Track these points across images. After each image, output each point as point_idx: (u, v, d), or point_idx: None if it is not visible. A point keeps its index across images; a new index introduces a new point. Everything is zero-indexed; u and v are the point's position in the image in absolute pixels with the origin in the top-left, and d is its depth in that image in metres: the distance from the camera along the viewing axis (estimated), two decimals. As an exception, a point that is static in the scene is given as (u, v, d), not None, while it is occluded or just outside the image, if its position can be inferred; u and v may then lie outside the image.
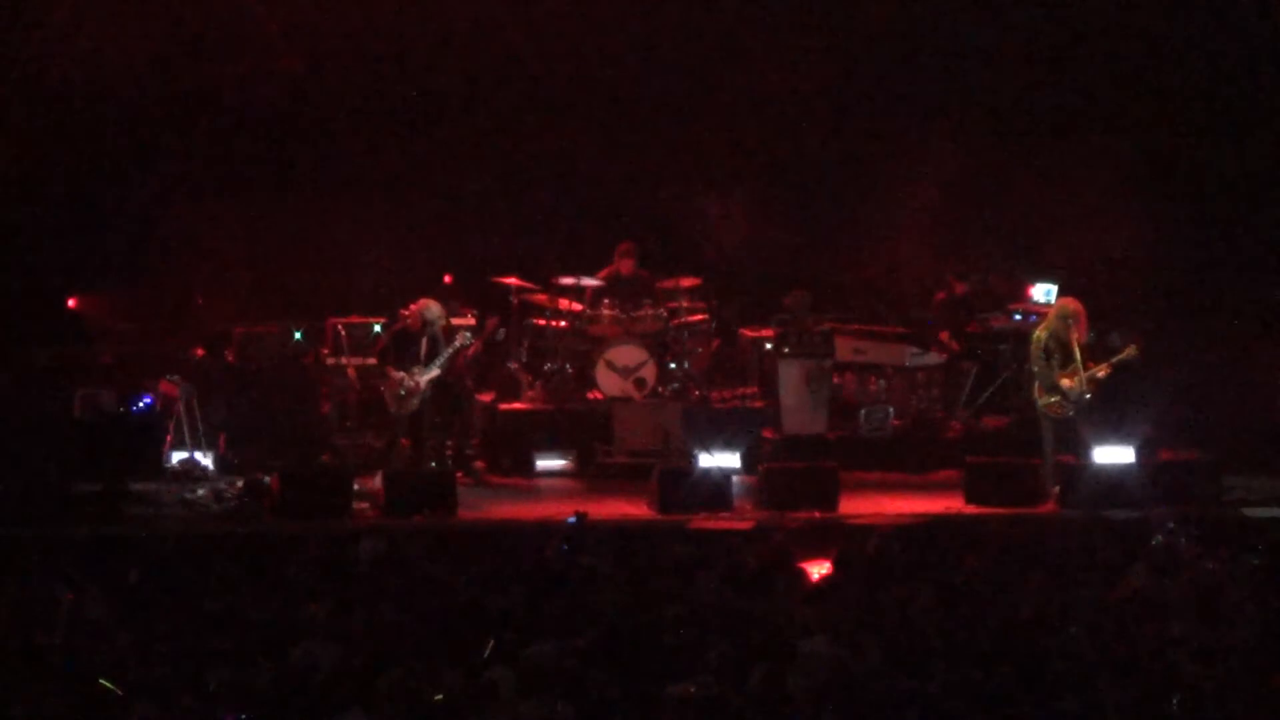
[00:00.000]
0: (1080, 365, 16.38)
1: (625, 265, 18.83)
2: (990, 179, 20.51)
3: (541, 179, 20.34)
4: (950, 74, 20.25)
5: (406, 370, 16.72)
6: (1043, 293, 18.98)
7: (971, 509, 16.32)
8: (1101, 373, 16.46)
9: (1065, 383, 16.40)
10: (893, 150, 20.42)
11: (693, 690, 9.41)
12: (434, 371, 16.75)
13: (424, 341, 16.76)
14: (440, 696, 9.31)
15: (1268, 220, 19.96)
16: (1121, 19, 20.04)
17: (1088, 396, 16.41)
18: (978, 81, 20.30)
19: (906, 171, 20.39)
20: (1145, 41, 20.05)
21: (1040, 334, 16.51)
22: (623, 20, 19.95)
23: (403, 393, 16.69)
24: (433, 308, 16.79)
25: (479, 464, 18.00)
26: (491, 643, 10.27)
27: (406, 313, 16.96)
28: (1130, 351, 16.50)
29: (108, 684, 9.40)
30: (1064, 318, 16.39)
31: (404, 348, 16.81)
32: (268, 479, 16.08)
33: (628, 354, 18.39)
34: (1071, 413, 16.46)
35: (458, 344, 17.05)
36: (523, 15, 19.87)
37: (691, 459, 16.60)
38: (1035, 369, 16.50)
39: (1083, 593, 11.85)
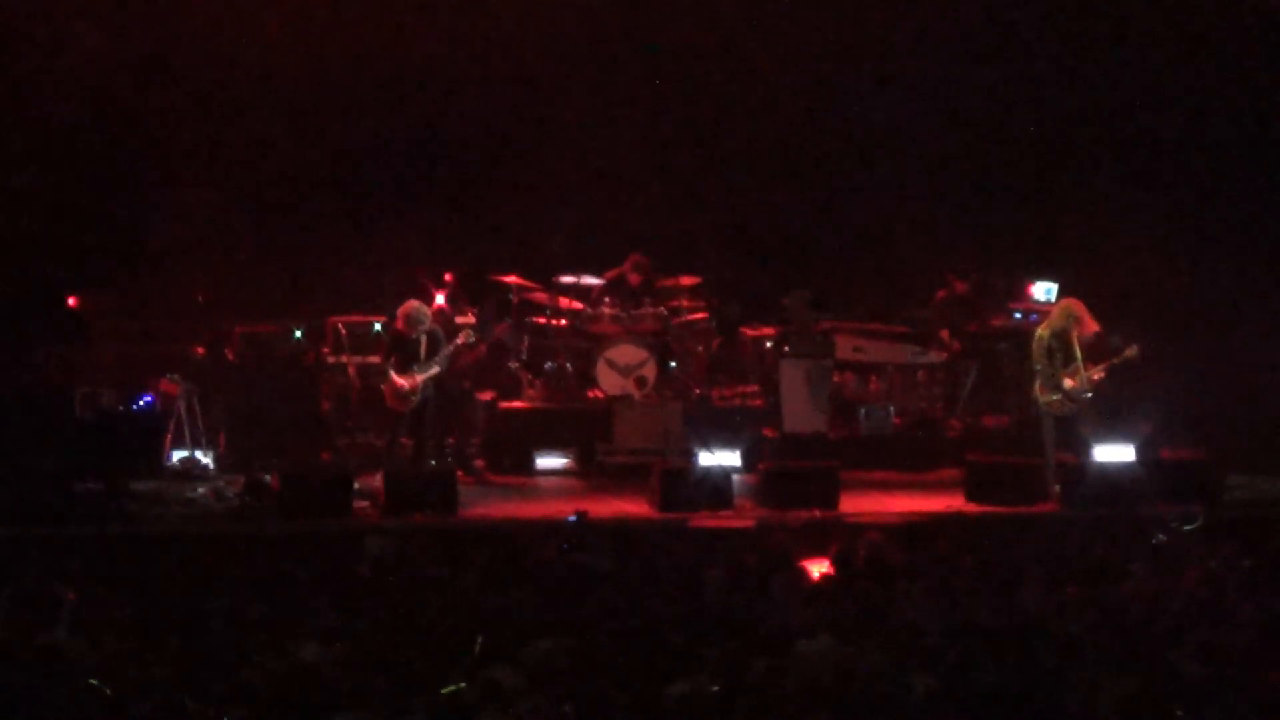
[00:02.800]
0: (1081, 364, 16.42)
1: (634, 277, 18.75)
2: (991, 177, 20.51)
3: (542, 178, 20.34)
4: (951, 72, 20.25)
5: (408, 371, 16.73)
6: (1043, 291, 18.98)
7: (972, 508, 16.33)
8: (1102, 372, 16.49)
9: (1068, 382, 16.43)
10: (893, 148, 20.43)
11: (693, 689, 9.42)
12: (434, 368, 16.76)
13: (422, 341, 16.76)
14: (463, 685, 9.30)
15: (1269, 220, 19.96)
16: (1124, 16, 20.04)
17: (1088, 395, 16.45)
18: (979, 80, 20.30)
19: (906, 170, 20.43)
20: (1148, 39, 20.05)
21: (1043, 332, 16.54)
22: (625, 21, 19.95)
23: (403, 392, 16.71)
24: (416, 309, 16.78)
25: (479, 463, 18.01)
26: (480, 639, 10.26)
27: (399, 320, 16.97)
28: (1131, 352, 16.54)
29: (107, 684, 9.40)
30: (1068, 317, 16.45)
31: (403, 349, 16.83)
32: (268, 478, 16.08)
33: (628, 353, 18.38)
34: (1073, 411, 16.49)
35: (459, 342, 17.06)
36: (524, 15, 19.87)
37: (692, 458, 16.59)
38: (1038, 367, 16.52)
39: (1083, 592, 11.86)
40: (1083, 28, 20.20)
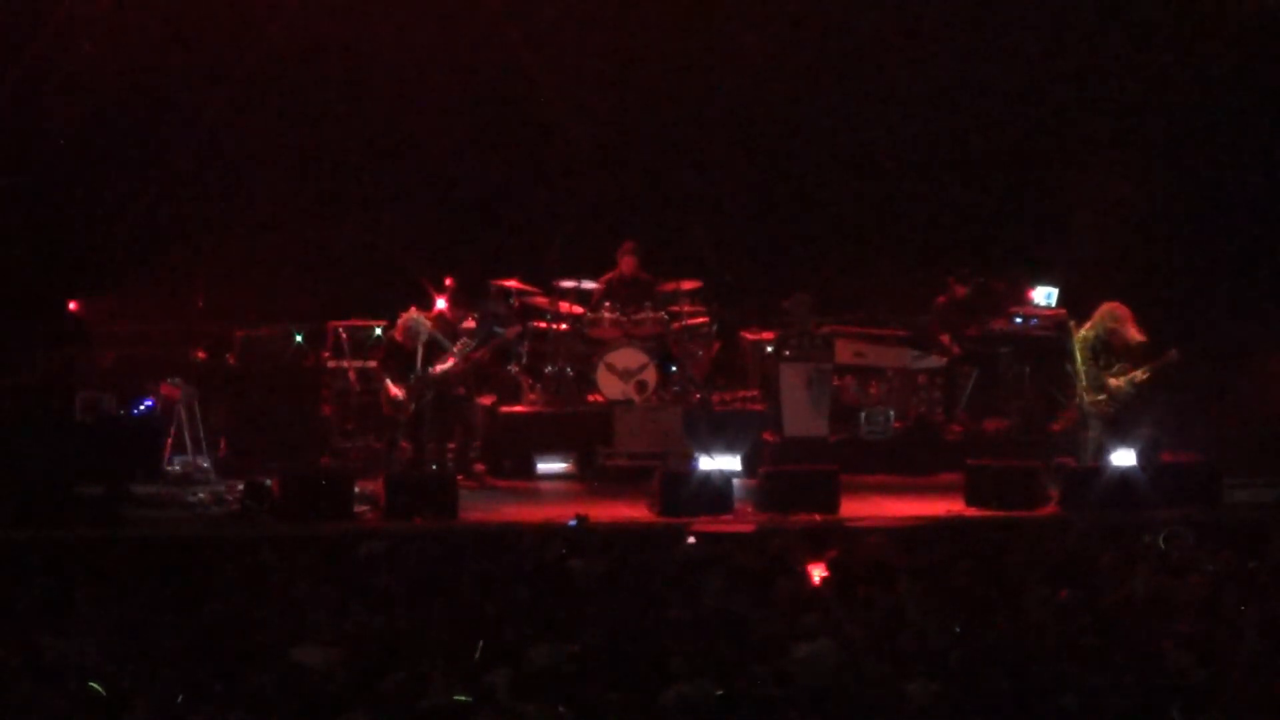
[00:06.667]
0: (1089, 369, 16.55)
1: (627, 264, 18.82)
2: (992, 181, 20.52)
3: (543, 181, 20.37)
4: (950, 73, 20.26)
5: (405, 380, 16.77)
6: (1043, 295, 18.98)
7: (972, 512, 16.32)
8: (1146, 374, 16.58)
9: (1112, 383, 16.51)
10: (893, 151, 20.44)
11: (692, 694, 9.42)
12: (449, 362, 16.81)
13: (419, 349, 16.78)
14: (468, 698, 9.31)
15: (1268, 220, 19.96)
16: (1124, 16, 20.06)
17: (1130, 397, 16.57)
18: (980, 83, 20.31)
19: (907, 174, 20.45)
20: (1149, 40, 20.06)
21: (1088, 334, 16.61)
22: (621, 22, 19.96)
23: (396, 401, 16.78)
24: (415, 321, 16.80)
25: (479, 467, 18.00)
26: (481, 643, 10.27)
27: (396, 330, 16.99)
28: (1170, 356, 16.61)
29: (107, 687, 9.40)
30: (1112, 320, 16.55)
31: (399, 358, 16.86)
32: (268, 481, 16.06)
33: (628, 357, 18.40)
34: (1115, 413, 16.57)
35: (457, 349, 17.06)
36: (522, 18, 19.88)
37: (692, 462, 16.59)
38: (1083, 369, 16.58)
39: (1084, 594, 11.86)
40: (1084, 28, 20.20)
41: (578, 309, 18.89)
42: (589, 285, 18.96)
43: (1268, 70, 19.97)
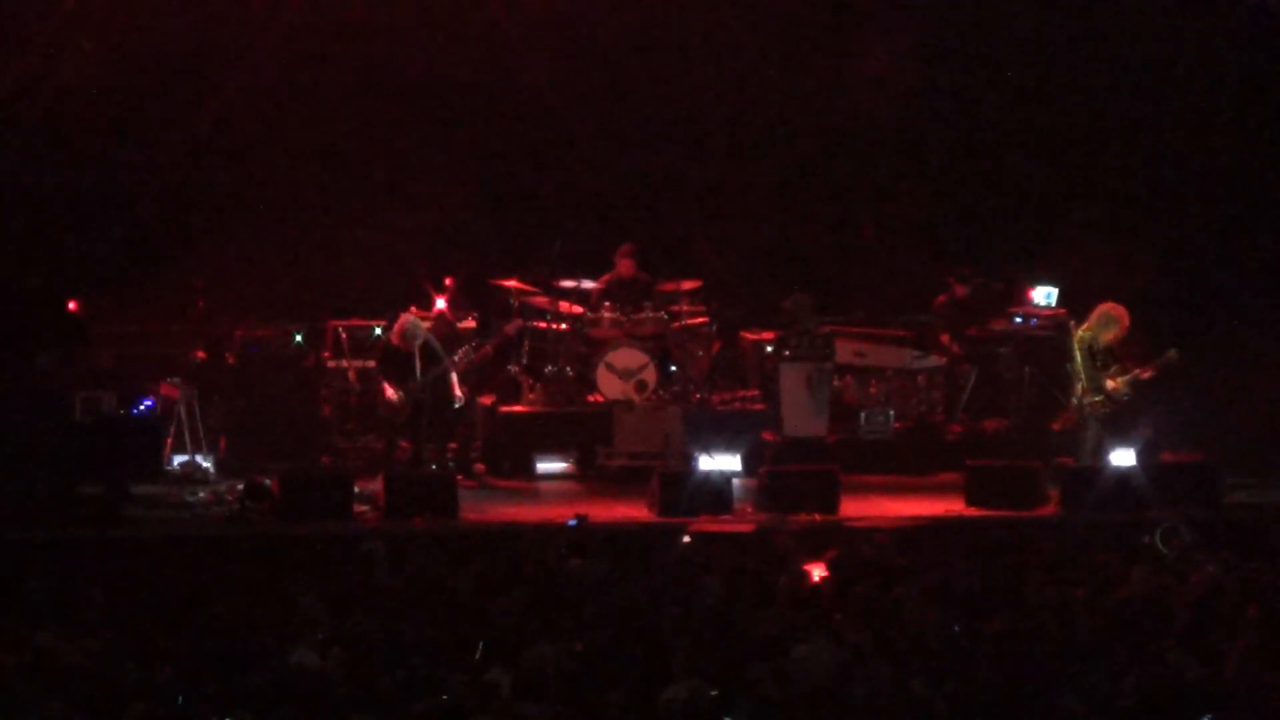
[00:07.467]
0: (1087, 369, 16.54)
1: (625, 266, 18.84)
2: (991, 181, 20.52)
3: (542, 182, 20.36)
4: (950, 77, 20.26)
5: (403, 384, 16.78)
6: (1043, 295, 18.98)
7: (972, 511, 16.32)
8: (1145, 375, 16.59)
9: (1109, 384, 16.52)
10: (893, 152, 20.45)
11: (691, 693, 9.42)
12: (445, 368, 16.83)
13: (417, 352, 16.78)
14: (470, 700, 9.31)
15: (1267, 221, 19.97)
16: (1126, 20, 20.06)
17: (1128, 397, 16.56)
18: (979, 84, 20.32)
19: (906, 174, 20.45)
20: (1147, 43, 20.07)
21: (1085, 335, 16.62)
22: (623, 24, 19.96)
23: (392, 405, 16.80)
24: (411, 325, 16.80)
25: (479, 466, 18.00)
26: (481, 644, 10.27)
27: (393, 334, 17.00)
28: (1170, 356, 16.60)
29: (106, 687, 9.41)
30: (1109, 320, 16.56)
31: (396, 361, 16.85)
32: (268, 481, 16.06)
33: (628, 357, 18.39)
34: (1113, 414, 16.57)
35: (457, 357, 17.06)
36: (523, 18, 19.88)
37: (692, 462, 16.59)
38: (1081, 369, 16.59)
39: (1084, 594, 11.87)
40: (1082, 32, 20.20)
41: (578, 309, 18.89)
42: (588, 285, 18.96)
43: (1267, 69, 19.97)
